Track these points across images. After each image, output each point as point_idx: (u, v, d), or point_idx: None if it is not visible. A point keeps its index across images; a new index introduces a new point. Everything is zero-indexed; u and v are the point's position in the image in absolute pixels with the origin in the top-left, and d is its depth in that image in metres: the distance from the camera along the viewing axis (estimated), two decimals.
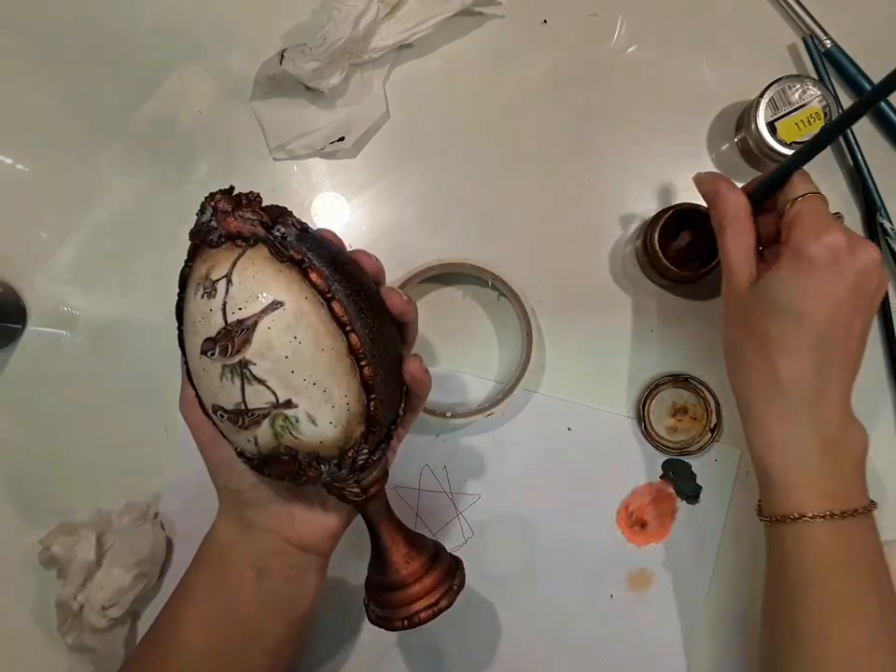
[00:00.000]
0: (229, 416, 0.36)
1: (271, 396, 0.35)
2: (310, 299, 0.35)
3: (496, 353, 0.58)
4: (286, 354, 0.34)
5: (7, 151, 0.60)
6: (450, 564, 0.43)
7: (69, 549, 0.54)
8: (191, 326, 0.36)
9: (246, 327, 0.34)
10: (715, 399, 0.56)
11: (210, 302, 0.35)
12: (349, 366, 0.35)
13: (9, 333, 0.58)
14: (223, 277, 0.35)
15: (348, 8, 0.53)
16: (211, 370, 0.35)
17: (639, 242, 0.55)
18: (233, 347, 0.34)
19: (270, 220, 0.36)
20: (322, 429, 0.35)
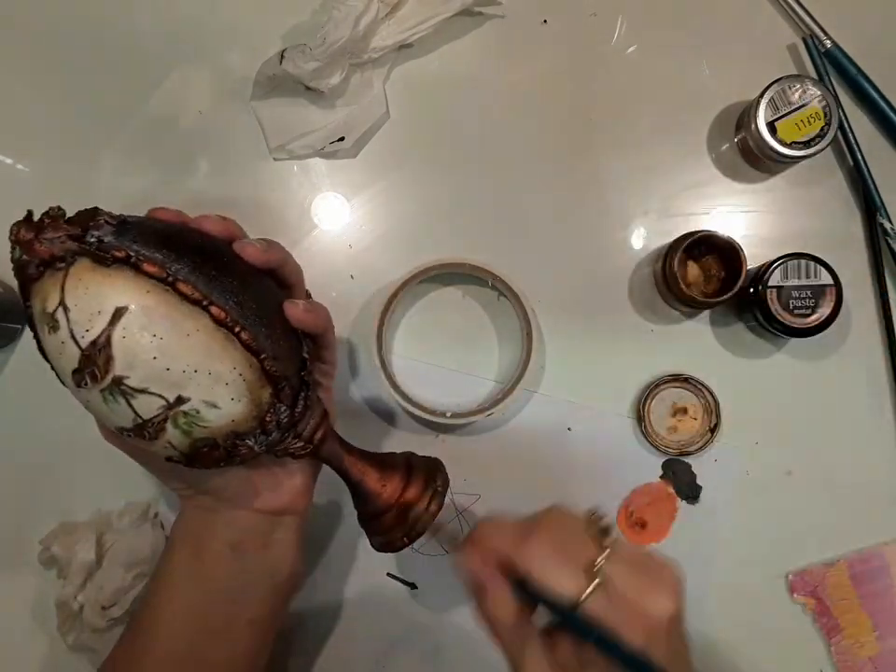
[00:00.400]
0: (134, 433, 0.35)
1: (159, 400, 0.34)
2: (152, 291, 0.33)
3: (496, 353, 0.58)
4: (153, 355, 0.33)
5: (7, 151, 0.60)
6: (428, 468, 0.43)
7: (69, 549, 0.54)
8: (57, 364, 0.35)
9: (101, 345, 0.33)
10: (715, 399, 0.56)
11: (59, 335, 0.33)
12: (223, 338, 0.34)
13: (9, 333, 0.58)
14: (58, 306, 0.33)
15: (348, 8, 0.53)
16: (93, 398, 0.34)
17: (658, 266, 0.55)
18: (100, 371, 0.33)
19: (80, 230, 0.34)
20: (227, 408, 0.35)
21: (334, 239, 0.59)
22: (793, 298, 0.53)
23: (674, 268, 0.53)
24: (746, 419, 0.57)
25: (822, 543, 0.56)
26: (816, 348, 0.57)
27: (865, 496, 0.56)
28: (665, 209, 0.58)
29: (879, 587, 0.56)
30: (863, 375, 0.57)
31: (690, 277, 0.55)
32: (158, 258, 0.33)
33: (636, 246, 0.58)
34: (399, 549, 0.41)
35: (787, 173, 0.58)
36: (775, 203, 0.58)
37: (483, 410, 0.54)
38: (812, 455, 0.57)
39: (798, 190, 0.58)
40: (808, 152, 0.53)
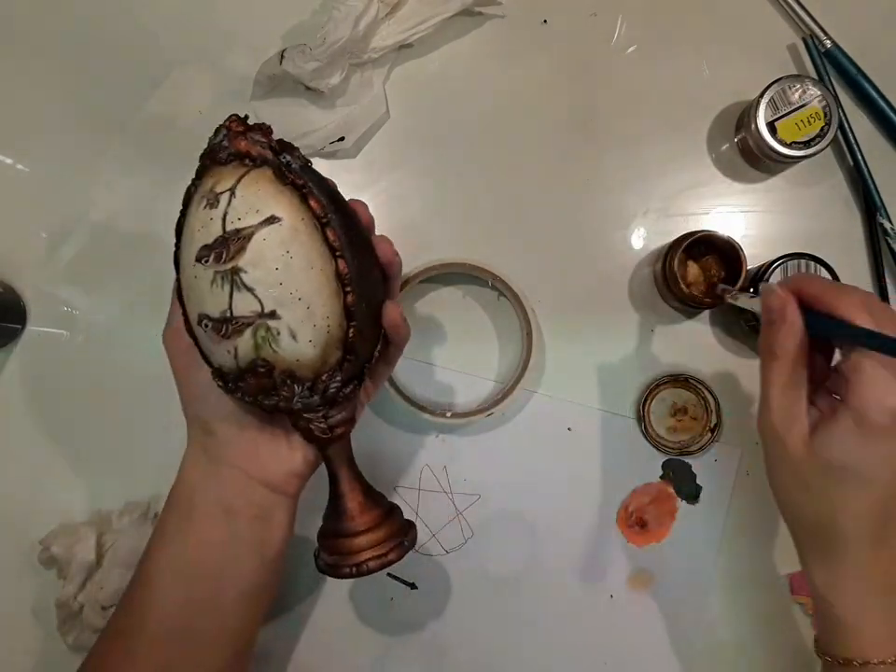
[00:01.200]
0: (213, 325, 0.37)
1: (257, 305, 0.36)
2: (306, 220, 0.36)
3: (496, 353, 0.58)
4: (276, 266, 0.36)
5: (7, 151, 0.60)
6: (403, 523, 0.44)
7: (69, 549, 0.54)
8: (190, 236, 0.38)
9: (243, 236, 0.35)
10: (715, 399, 0.56)
11: (211, 212, 0.36)
12: (335, 289, 0.37)
13: (9, 333, 0.58)
14: (227, 190, 0.36)
15: (348, 8, 0.53)
16: (203, 277, 0.36)
17: (658, 266, 0.55)
18: (228, 254, 0.36)
19: (279, 147, 0.38)
20: (301, 347, 0.37)
21: None
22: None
23: (674, 268, 0.53)
24: (746, 419, 0.57)
25: None
26: None
27: None
28: (664, 209, 0.58)
29: None
30: None
31: (690, 277, 0.55)
32: (322, 200, 0.37)
33: (636, 246, 0.58)
34: (341, 577, 0.41)
35: (787, 173, 0.58)
36: (775, 203, 0.58)
37: (483, 410, 0.54)
38: None
39: (798, 190, 0.58)
40: (808, 152, 0.53)
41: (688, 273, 0.55)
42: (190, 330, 0.40)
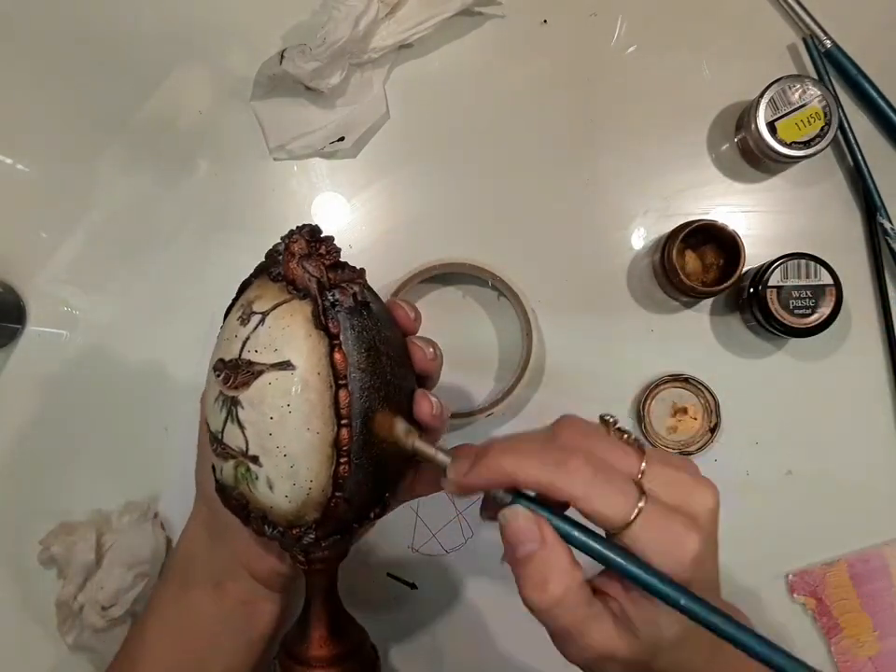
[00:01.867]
0: (211, 435, 0.37)
1: (243, 443, 0.34)
2: (322, 376, 0.34)
3: (496, 353, 0.58)
4: (272, 415, 0.34)
5: (7, 151, 0.60)
6: (364, 665, 0.42)
7: (69, 549, 0.54)
8: (220, 338, 0.37)
9: (252, 371, 0.34)
10: (715, 399, 0.56)
11: (239, 329, 0.35)
12: (328, 456, 0.34)
13: (9, 333, 0.58)
14: (261, 314, 0.35)
15: (348, 8, 0.53)
16: (212, 387, 0.36)
17: (657, 257, 0.55)
18: (233, 381, 0.34)
19: (331, 282, 0.35)
20: (276, 498, 0.35)
21: None
22: (793, 298, 0.53)
23: (672, 258, 0.52)
24: (746, 419, 0.57)
25: (822, 543, 0.56)
26: (816, 348, 0.57)
27: (865, 496, 0.56)
28: (664, 209, 0.58)
29: (879, 587, 0.56)
30: (863, 375, 0.57)
31: (689, 267, 0.55)
32: (352, 357, 0.34)
33: (636, 246, 0.58)
34: None
35: (787, 173, 0.58)
36: (775, 203, 0.58)
37: (483, 410, 0.54)
38: (812, 455, 0.57)
39: (798, 190, 0.58)
40: (808, 152, 0.53)
41: (686, 262, 0.55)
42: None
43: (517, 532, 0.31)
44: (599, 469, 0.31)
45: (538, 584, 0.31)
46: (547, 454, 0.31)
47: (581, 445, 0.32)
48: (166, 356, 0.58)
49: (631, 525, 0.30)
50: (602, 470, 0.31)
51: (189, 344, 0.58)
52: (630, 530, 0.30)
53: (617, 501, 0.30)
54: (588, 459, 0.31)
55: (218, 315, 0.39)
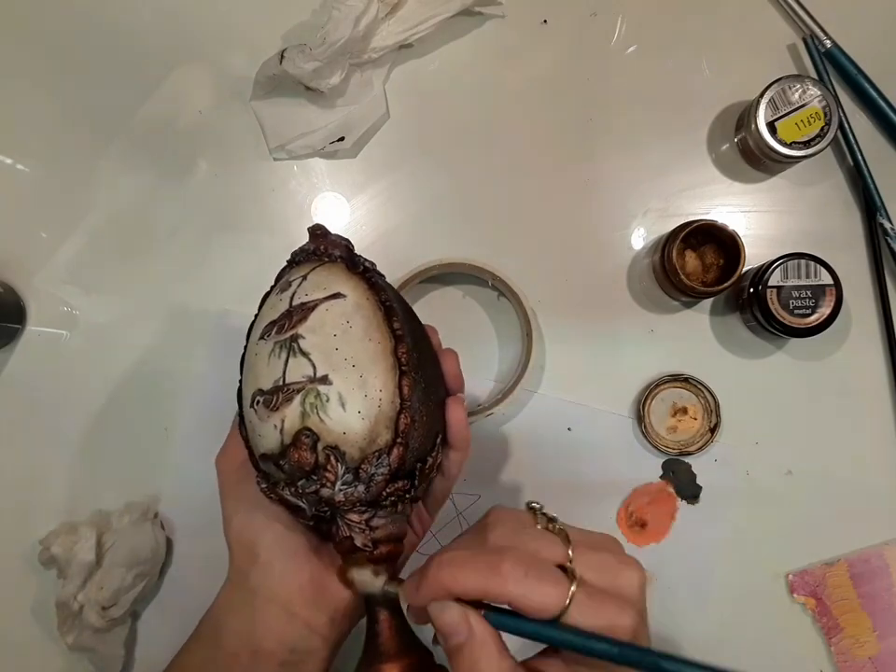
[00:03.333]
0: (265, 399, 0.36)
1: (310, 368, 0.35)
2: (370, 300, 0.37)
3: (496, 353, 0.58)
4: (335, 332, 0.36)
5: (7, 151, 0.60)
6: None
7: (69, 549, 0.54)
8: (261, 317, 0.38)
9: (307, 307, 0.37)
10: (715, 399, 0.56)
11: (282, 295, 0.38)
12: (391, 364, 0.36)
13: (9, 333, 0.58)
14: (299, 277, 0.38)
15: (348, 8, 0.53)
16: (262, 352, 0.37)
17: (657, 257, 0.55)
18: (290, 324, 0.36)
19: (350, 250, 0.40)
20: (349, 417, 0.35)
21: None
22: (793, 298, 0.53)
23: (672, 258, 0.52)
24: (746, 419, 0.57)
25: (822, 543, 0.56)
26: (816, 348, 0.57)
27: (865, 496, 0.56)
28: (664, 209, 0.58)
29: (879, 587, 0.56)
30: (863, 375, 0.57)
31: (688, 267, 0.55)
32: (387, 291, 0.39)
33: (636, 246, 0.58)
34: None
35: (787, 173, 0.58)
36: (775, 203, 0.58)
37: (482, 410, 0.54)
38: (812, 455, 0.57)
39: (798, 190, 0.58)
40: (808, 152, 0.53)
41: (686, 262, 0.55)
42: (254, 462, 0.38)
43: (446, 625, 0.33)
44: (530, 566, 0.32)
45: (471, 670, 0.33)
46: (479, 561, 0.33)
47: (510, 542, 0.34)
48: (166, 356, 0.58)
49: (567, 611, 0.32)
50: (532, 567, 0.32)
51: (189, 344, 0.58)
52: (566, 616, 0.32)
53: (550, 593, 0.32)
54: (518, 559, 0.32)
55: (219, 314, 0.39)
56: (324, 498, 0.36)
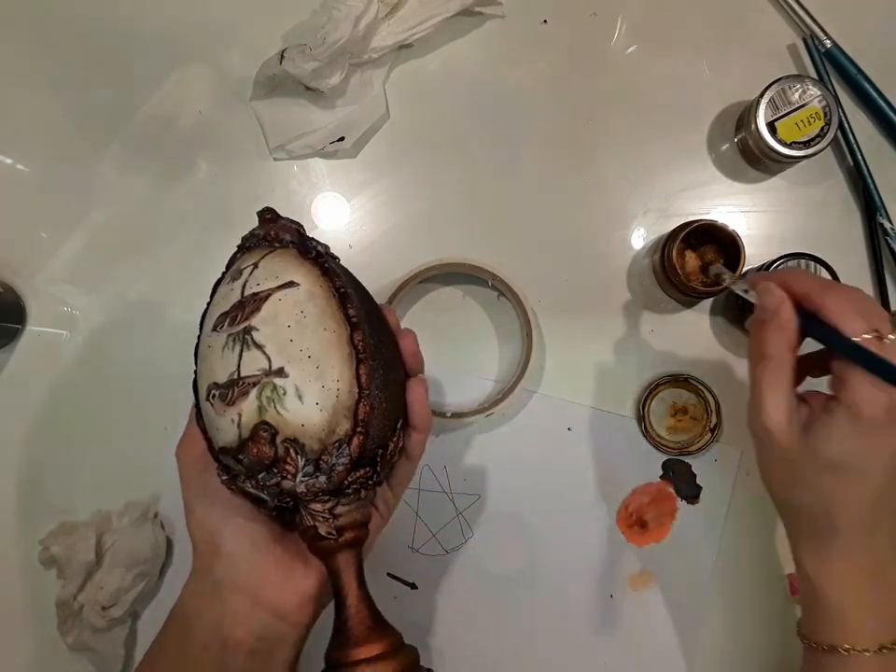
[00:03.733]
0: (220, 393, 0.36)
1: (265, 361, 0.35)
2: (324, 288, 0.37)
3: (496, 353, 0.58)
4: (289, 323, 0.35)
5: (7, 151, 0.60)
6: (415, 656, 0.40)
7: (69, 549, 0.54)
8: (212, 308, 0.38)
9: (259, 297, 0.36)
10: (715, 399, 0.56)
11: (233, 284, 0.37)
12: (347, 354, 0.36)
13: (9, 333, 0.58)
14: (251, 265, 0.38)
15: (348, 8, 0.53)
16: (215, 344, 0.36)
17: (657, 257, 0.55)
18: (242, 315, 0.36)
19: (300, 234, 0.40)
20: (307, 409, 0.35)
21: (334, 239, 0.59)
22: None
23: (672, 258, 0.52)
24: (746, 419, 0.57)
25: None
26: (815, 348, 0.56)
27: None
28: (664, 209, 0.58)
29: None
30: None
31: (688, 267, 0.55)
32: (341, 276, 0.38)
33: (636, 246, 0.58)
34: None
35: (787, 173, 0.58)
36: (775, 203, 0.58)
37: (483, 410, 0.54)
38: None
39: (798, 190, 0.58)
40: (808, 152, 0.53)
41: (686, 263, 0.55)
42: (214, 454, 0.38)
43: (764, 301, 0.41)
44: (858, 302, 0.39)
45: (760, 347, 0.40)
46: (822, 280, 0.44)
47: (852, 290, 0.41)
48: (166, 356, 0.58)
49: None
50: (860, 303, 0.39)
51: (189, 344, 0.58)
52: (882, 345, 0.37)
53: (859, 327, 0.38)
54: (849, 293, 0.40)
55: None
56: (285, 490, 0.36)
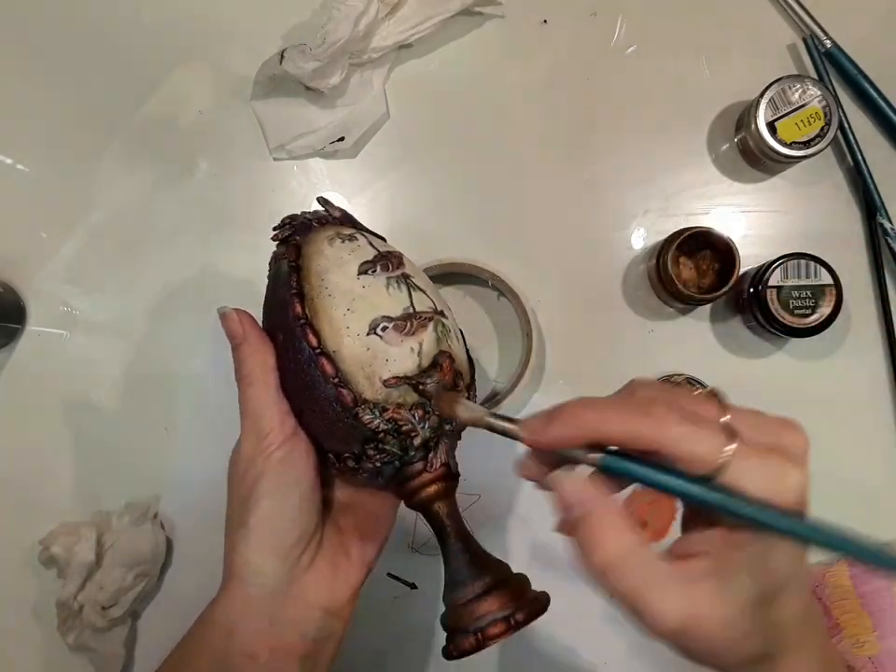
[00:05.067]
0: (396, 324, 0.37)
1: (430, 303, 0.39)
2: None
3: (496, 353, 0.58)
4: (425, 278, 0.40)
5: (7, 151, 0.60)
6: (524, 581, 0.38)
7: (69, 549, 0.54)
8: (333, 265, 0.38)
9: (395, 255, 0.39)
10: None
11: (353, 244, 0.39)
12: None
13: (9, 333, 0.58)
14: (356, 231, 0.41)
15: (348, 8, 0.53)
16: (374, 285, 0.38)
17: (652, 263, 0.55)
18: (392, 264, 0.39)
19: None
20: (460, 349, 0.40)
21: None
22: (793, 298, 0.53)
23: (667, 265, 0.52)
24: None
25: None
26: (816, 348, 0.57)
27: (865, 495, 0.56)
28: (664, 209, 0.58)
29: (879, 587, 0.56)
30: (863, 375, 0.57)
31: (684, 274, 0.55)
32: None
33: (636, 246, 0.58)
34: (464, 650, 0.35)
35: (787, 173, 0.58)
36: (775, 203, 0.58)
37: None
38: (812, 455, 0.57)
39: (798, 190, 0.58)
40: (808, 152, 0.53)
41: (682, 269, 0.55)
42: (301, 419, 0.38)
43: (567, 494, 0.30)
44: (684, 414, 0.29)
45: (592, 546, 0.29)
46: (628, 404, 0.31)
47: (660, 397, 0.31)
48: (166, 355, 0.58)
49: (727, 467, 0.28)
50: (687, 415, 0.29)
51: (189, 344, 0.58)
52: (727, 472, 0.28)
53: (708, 441, 0.29)
54: (671, 406, 0.30)
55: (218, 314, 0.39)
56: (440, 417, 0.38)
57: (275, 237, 0.42)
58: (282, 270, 0.39)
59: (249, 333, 0.39)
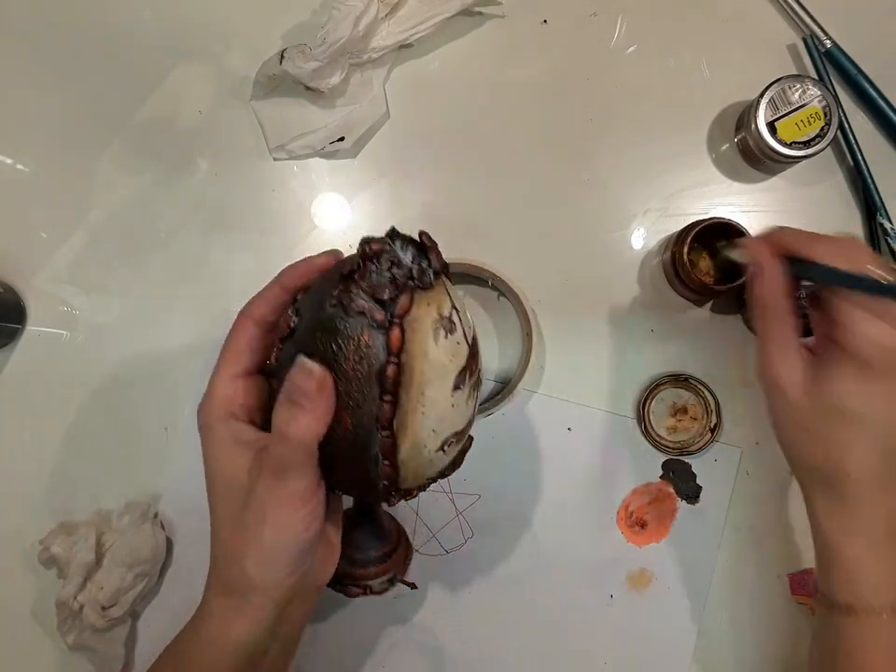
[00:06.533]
0: (457, 437, 0.38)
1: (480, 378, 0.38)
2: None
3: (496, 353, 0.58)
4: None
5: (7, 151, 0.60)
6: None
7: (69, 549, 0.54)
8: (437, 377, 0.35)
9: (475, 340, 0.37)
10: (715, 399, 0.56)
11: (454, 338, 0.35)
12: None
13: (9, 333, 0.58)
14: (452, 309, 0.36)
15: (348, 8, 0.53)
16: (459, 402, 0.36)
17: (667, 255, 0.55)
18: (476, 363, 0.36)
19: None
20: None
21: (334, 239, 0.59)
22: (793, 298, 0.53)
23: (684, 257, 0.52)
24: (746, 419, 0.57)
25: None
26: None
27: None
28: (664, 209, 0.58)
29: None
30: None
31: (700, 264, 0.55)
32: None
33: (636, 246, 0.58)
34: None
35: (787, 173, 0.58)
36: (775, 203, 0.58)
37: (483, 410, 0.54)
38: None
39: (798, 190, 0.58)
40: (808, 152, 0.53)
41: (697, 260, 0.55)
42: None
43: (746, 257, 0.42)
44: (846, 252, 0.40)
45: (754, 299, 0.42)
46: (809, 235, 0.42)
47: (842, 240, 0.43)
48: (166, 355, 0.58)
49: None
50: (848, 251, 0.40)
51: (188, 344, 0.58)
52: None
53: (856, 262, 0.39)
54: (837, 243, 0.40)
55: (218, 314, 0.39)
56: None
57: (378, 295, 0.34)
58: (375, 346, 0.33)
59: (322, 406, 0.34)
